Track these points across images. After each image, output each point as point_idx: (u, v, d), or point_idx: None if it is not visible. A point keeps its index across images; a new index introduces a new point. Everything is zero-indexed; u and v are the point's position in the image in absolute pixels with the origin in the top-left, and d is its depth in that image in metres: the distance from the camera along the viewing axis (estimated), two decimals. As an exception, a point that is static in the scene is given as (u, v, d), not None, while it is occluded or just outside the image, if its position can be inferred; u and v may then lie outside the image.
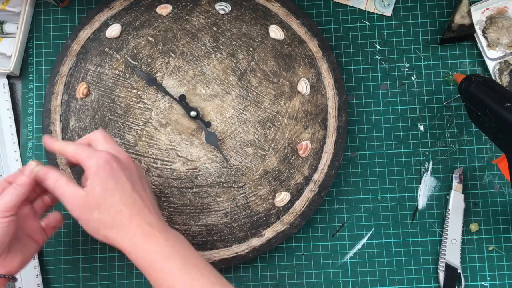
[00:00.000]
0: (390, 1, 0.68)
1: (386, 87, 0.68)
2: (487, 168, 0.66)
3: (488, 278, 0.65)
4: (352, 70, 0.68)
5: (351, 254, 0.66)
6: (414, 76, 0.68)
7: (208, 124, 0.64)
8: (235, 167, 0.64)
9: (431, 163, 0.66)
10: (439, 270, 0.64)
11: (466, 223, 0.66)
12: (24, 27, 0.67)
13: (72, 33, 0.66)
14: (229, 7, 0.65)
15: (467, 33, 0.66)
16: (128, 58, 0.65)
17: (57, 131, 0.65)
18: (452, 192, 0.65)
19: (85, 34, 0.65)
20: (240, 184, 0.64)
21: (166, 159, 0.64)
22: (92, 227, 0.49)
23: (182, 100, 0.64)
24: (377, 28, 0.68)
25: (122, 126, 0.64)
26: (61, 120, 0.65)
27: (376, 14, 0.68)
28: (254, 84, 0.64)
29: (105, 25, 0.65)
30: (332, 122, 0.64)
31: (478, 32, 0.67)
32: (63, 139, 0.65)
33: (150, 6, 0.65)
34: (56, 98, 0.65)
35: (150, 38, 0.65)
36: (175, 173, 0.64)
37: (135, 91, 0.64)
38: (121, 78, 0.65)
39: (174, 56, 0.65)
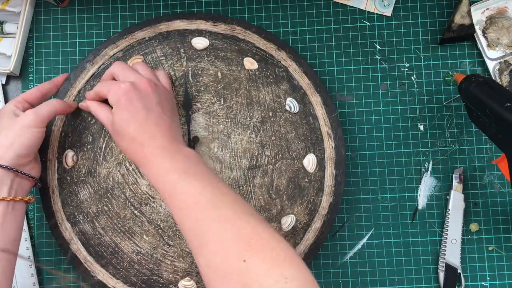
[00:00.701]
0: (390, 1, 0.68)
1: (386, 87, 0.68)
2: (487, 168, 0.66)
3: (488, 278, 0.65)
4: (352, 70, 0.68)
5: (351, 254, 0.66)
6: (414, 76, 0.68)
7: None
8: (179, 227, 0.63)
9: (431, 163, 0.66)
10: (439, 270, 0.64)
11: (466, 223, 0.66)
12: (24, 27, 0.67)
13: (171, 16, 0.65)
14: (297, 109, 0.64)
15: (467, 33, 0.66)
16: (190, 72, 0.64)
17: (89, 71, 0.64)
18: (452, 192, 0.65)
19: (180, 24, 0.65)
20: (170, 243, 0.62)
21: (140, 169, 0.63)
22: (120, 147, 0.57)
23: (192, 141, 0.63)
24: (377, 28, 0.68)
25: None
26: (99, 67, 0.64)
27: (376, 14, 0.68)
28: (255, 183, 0.62)
29: (199, 33, 0.65)
30: None
31: (478, 32, 0.67)
32: (87, 81, 0.64)
33: (243, 52, 0.64)
34: (112, 49, 0.64)
35: (219, 74, 0.64)
36: (135, 185, 0.63)
37: None
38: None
39: (222, 103, 0.63)
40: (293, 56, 0.65)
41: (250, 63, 0.64)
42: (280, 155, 0.63)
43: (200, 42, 0.64)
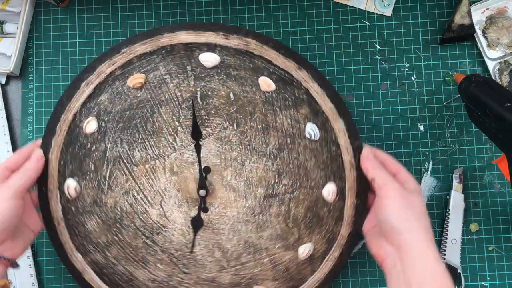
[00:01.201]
0: (390, 1, 0.68)
1: (386, 87, 0.68)
2: (487, 168, 0.66)
3: (488, 278, 0.65)
4: (352, 70, 0.68)
5: (351, 254, 0.66)
6: (414, 76, 0.68)
7: (205, 209, 0.60)
8: (194, 255, 0.60)
9: (431, 163, 0.66)
10: (439, 270, 0.64)
11: (466, 223, 0.65)
12: (24, 27, 0.67)
13: (175, 26, 0.59)
14: (317, 136, 0.59)
15: (467, 33, 0.66)
16: (198, 93, 0.59)
17: (85, 92, 0.58)
18: (452, 192, 0.65)
19: (186, 37, 0.59)
20: (185, 271, 0.60)
21: (149, 198, 0.60)
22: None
23: (204, 171, 0.59)
24: (377, 28, 0.68)
25: (139, 140, 0.59)
26: (96, 87, 0.59)
27: (376, 14, 0.68)
28: (271, 212, 0.59)
29: (208, 47, 0.59)
30: None
31: (478, 32, 0.67)
32: (83, 104, 0.58)
33: (258, 70, 0.59)
34: (109, 66, 0.58)
35: (232, 95, 0.59)
36: (145, 215, 0.60)
37: (177, 123, 0.59)
38: (176, 102, 0.59)
39: (235, 128, 0.59)
40: (316, 76, 0.59)
41: (266, 85, 0.59)
42: (298, 184, 0.59)
43: (209, 60, 0.58)
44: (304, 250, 0.59)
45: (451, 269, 0.64)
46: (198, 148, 0.59)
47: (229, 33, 0.58)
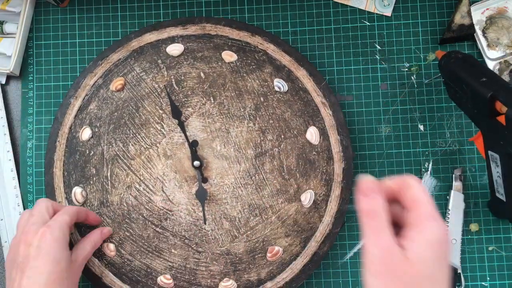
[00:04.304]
0: (390, 1, 0.68)
1: (386, 87, 0.68)
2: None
3: (488, 278, 0.65)
4: (352, 70, 0.68)
5: (351, 254, 0.66)
6: (414, 76, 0.68)
7: (204, 180, 0.62)
8: (204, 231, 0.62)
9: (431, 163, 0.66)
10: (439, 270, 0.64)
11: (466, 223, 0.66)
12: (24, 27, 0.67)
13: (140, 31, 0.65)
14: (286, 88, 0.64)
15: (467, 33, 0.66)
16: (173, 80, 0.64)
17: (75, 106, 0.64)
18: (452, 192, 0.65)
19: (150, 37, 0.65)
20: (200, 249, 0.62)
21: (151, 187, 0.63)
22: None
23: (192, 146, 0.62)
24: (377, 28, 0.68)
25: (131, 135, 0.64)
26: (83, 99, 0.64)
27: (376, 14, 0.68)
28: (266, 169, 0.63)
29: (171, 40, 0.65)
30: (313, 246, 0.62)
31: (478, 32, 0.67)
32: (75, 116, 0.64)
33: (219, 47, 0.65)
34: (91, 78, 0.65)
35: (202, 74, 0.64)
36: (150, 204, 0.63)
37: (161, 111, 0.64)
38: (155, 93, 0.64)
39: (212, 101, 0.64)
40: (269, 38, 0.65)
41: (229, 56, 0.64)
42: (282, 136, 0.63)
43: (175, 49, 0.65)
44: (306, 197, 0.63)
45: (451, 269, 0.64)
46: (182, 126, 0.63)
47: (186, 24, 0.65)
